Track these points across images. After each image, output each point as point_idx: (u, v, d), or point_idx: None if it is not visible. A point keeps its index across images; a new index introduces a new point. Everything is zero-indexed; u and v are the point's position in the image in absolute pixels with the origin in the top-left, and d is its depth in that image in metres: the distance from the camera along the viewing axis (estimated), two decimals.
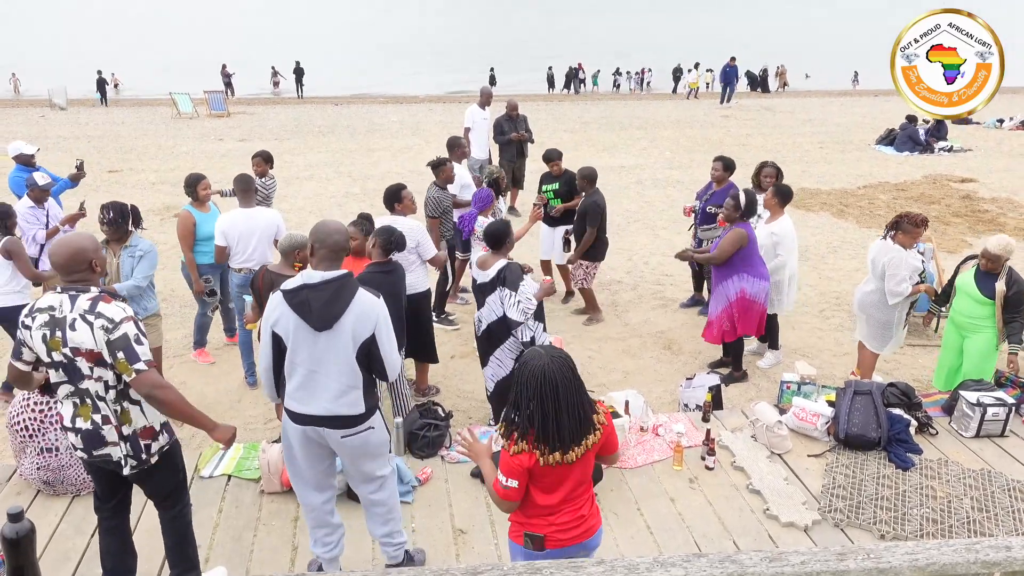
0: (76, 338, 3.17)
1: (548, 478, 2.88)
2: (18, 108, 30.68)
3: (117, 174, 15.78)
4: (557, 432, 2.80)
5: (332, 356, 3.44)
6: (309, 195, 13.79)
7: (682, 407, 5.92)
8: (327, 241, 3.48)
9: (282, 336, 3.47)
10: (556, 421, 2.79)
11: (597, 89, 40.93)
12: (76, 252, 3.25)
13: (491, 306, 5.09)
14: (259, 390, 6.41)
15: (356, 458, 3.65)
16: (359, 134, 22.17)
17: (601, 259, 7.65)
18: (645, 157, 17.90)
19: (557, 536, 2.95)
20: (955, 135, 20.02)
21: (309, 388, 3.48)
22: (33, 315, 3.24)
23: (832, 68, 46.42)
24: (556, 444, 2.81)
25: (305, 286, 3.43)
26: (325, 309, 3.40)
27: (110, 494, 3.58)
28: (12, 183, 8.00)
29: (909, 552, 2.07)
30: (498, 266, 5.07)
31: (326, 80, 40.74)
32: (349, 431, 3.54)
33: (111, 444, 3.33)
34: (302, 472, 3.69)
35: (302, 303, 3.41)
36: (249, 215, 6.16)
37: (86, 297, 3.22)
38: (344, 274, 3.48)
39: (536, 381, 2.77)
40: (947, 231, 11.17)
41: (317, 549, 3.83)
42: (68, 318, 3.18)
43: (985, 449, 5.07)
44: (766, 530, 4.29)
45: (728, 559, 2.02)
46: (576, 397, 2.82)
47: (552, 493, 2.92)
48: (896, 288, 5.62)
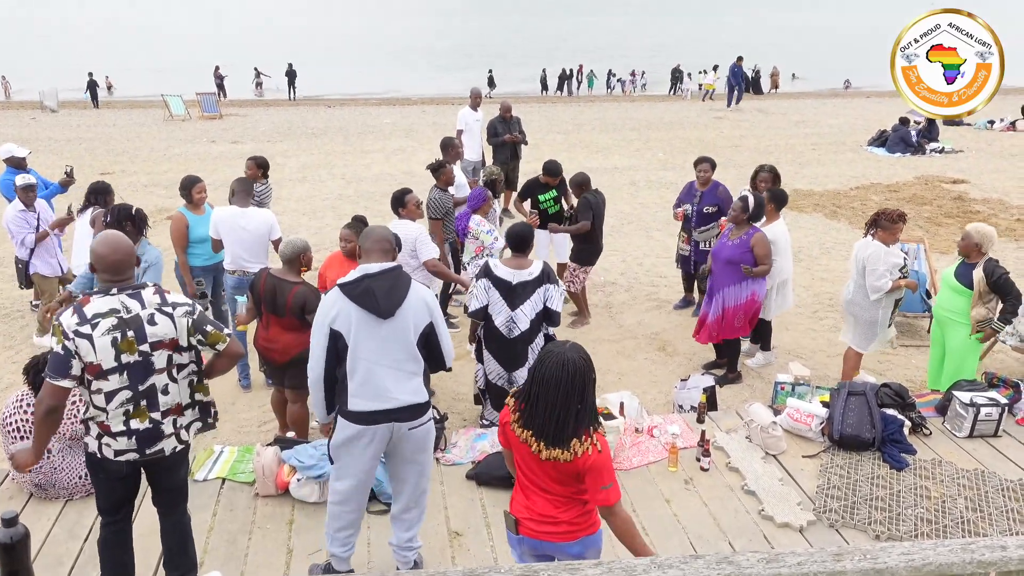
0: (158, 331, 3.28)
1: (526, 459, 2.93)
2: (9, 110, 30.52)
3: (109, 176, 15.70)
4: (530, 412, 2.83)
5: (396, 344, 3.50)
6: (302, 197, 13.77)
7: (677, 408, 5.93)
8: (376, 238, 3.61)
9: (342, 332, 3.47)
10: (533, 407, 2.82)
11: (591, 91, 41.01)
12: (129, 251, 3.34)
13: (534, 303, 5.08)
14: (252, 393, 6.40)
15: (417, 452, 3.69)
16: (352, 136, 22.15)
17: (591, 263, 7.63)
18: (638, 159, 17.94)
19: (528, 524, 2.96)
20: (946, 136, 20.13)
21: (375, 383, 3.49)
22: (93, 322, 3.15)
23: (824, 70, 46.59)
24: (526, 422, 2.85)
25: (366, 276, 3.48)
26: (389, 295, 3.46)
27: (119, 506, 3.55)
28: (3, 186, 7.98)
29: (905, 552, 2.07)
30: (539, 264, 5.14)
31: (319, 82, 40.67)
32: (416, 422, 3.60)
33: (167, 437, 3.41)
34: (355, 474, 3.64)
35: (365, 292, 3.44)
36: (242, 213, 6.13)
37: (151, 292, 3.34)
38: (397, 265, 3.58)
39: (541, 364, 2.80)
40: (939, 232, 11.22)
41: (335, 548, 3.81)
42: (143, 315, 3.25)
43: (979, 449, 5.09)
44: (761, 531, 4.30)
45: (725, 560, 2.02)
46: (562, 401, 2.76)
47: (526, 475, 2.97)
48: (876, 283, 5.65)
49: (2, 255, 10.20)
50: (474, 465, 4.83)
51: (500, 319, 5.13)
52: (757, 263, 6.16)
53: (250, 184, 6.34)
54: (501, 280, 5.10)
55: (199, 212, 6.54)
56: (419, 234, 5.90)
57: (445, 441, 5.11)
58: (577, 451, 2.78)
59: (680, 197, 7.90)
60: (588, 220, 7.31)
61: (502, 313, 5.12)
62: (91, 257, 3.30)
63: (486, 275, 5.16)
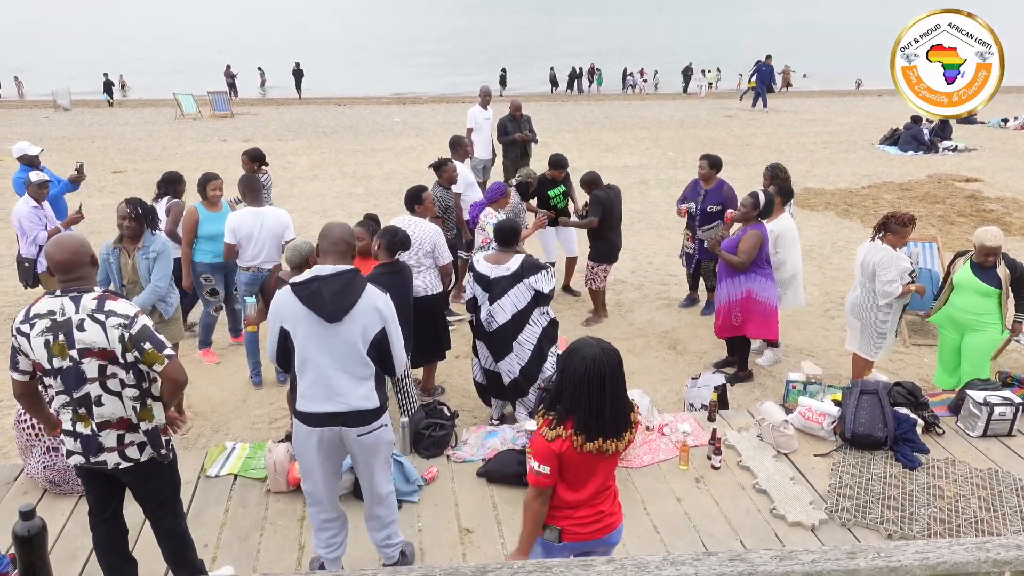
0: (86, 338, 3.12)
1: (578, 470, 2.89)
2: (22, 109, 30.75)
3: (121, 175, 15.81)
4: (597, 422, 2.81)
5: (344, 349, 3.44)
6: (313, 195, 13.81)
7: (688, 407, 5.92)
8: (333, 239, 3.55)
9: (290, 331, 3.46)
10: (599, 410, 2.81)
11: (600, 90, 40.94)
12: (78, 248, 3.22)
13: (514, 296, 5.15)
14: (264, 390, 6.43)
15: (369, 458, 3.65)
16: (362, 134, 22.19)
17: (608, 261, 7.61)
18: (648, 157, 17.89)
19: (574, 529, 2.96)
20: (960, 135, 19.98)
21: (322, 385, 3.47)
22: (32, 321, 3.15)
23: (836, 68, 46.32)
24: (595, 433, 2.82)
25: (316, 278, 3.45)
26: (337, 299, 3.41)
27: (104, 505, 3.53)
28: (16, 184, 8.03)
29: (920, 551, 2.06)
30: (518, 259, 5.19)
31: (330, 81, 40.77)
32: (365, 428, 3.54)
33: (108, 450, 3.28)
34: (313, 474, 3.66)
35: (313, 294, 3.41)
36: (257, 214, 6.17)
37: (91, 297, 3.17)
38: (353, 269, 3.52)
39: (584, 368, 2.79)
40: (952, 231, 11.15)
41: (320, 550, 3.84)
42: (74, 319, 3.12)
43: (992, 448, 5.06)
44: (773, 529, 4.29)
45: (738, 557, 2.01)
46: (620, 391, 2.85)
47: (578, 489, 2.93)
48: (886, 288, 5.60)
49: (2, 253, 10.28)
50: (484, 462, 4.84)
51: (482, 312, 5.30)
52: (745, 256, 6.09)
53: (257, 182, 6.36)
54: (480, 275, 5.26)
55: (214, 209, 6.58)
56: (437, 237, 5.85)
57: (456, 438, 5.12)
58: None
59: (684, 194, 7.89)
60: (596, 217, 7.30)
61: (484, 307, 5.28)
62: (45, 257, 3.29)
63: (470, 269, 5.36)
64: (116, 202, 13.31)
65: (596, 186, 7.42)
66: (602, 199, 7.32)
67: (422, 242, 5.74)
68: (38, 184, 7.03)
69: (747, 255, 6.07)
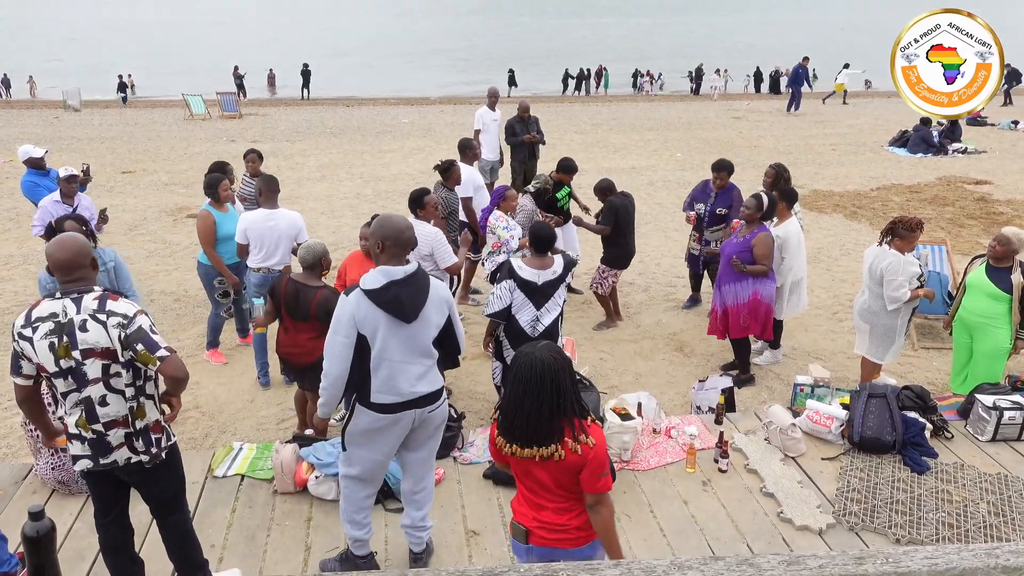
0: (89, 339, 3.13)
1: (528, 470, 2.92)
2: (33, 109, 30.93)
3: (130, 175, 15.88)
4: (508, 424, 2.85)
5: (418, 344, 3.62)
6: (321, 196, 13.84)
7: (695, 409, 5.91)
8: (399, 239, 3.60)
9: (368, 336, 3.52)
10: (512, 414, 2.82)
11: (607, 91, 40.94)
12: (80, 248, 3.22)
13: (557, 299, 5.16)
14: (272, 390, 6.44)
15: (434, 431, 3.87)
16: (370, 135, 22.23)
17: (619, 267, 7.59)
18: (656, 159, 17.87)
19: (540, 533, 2.96)
20: (969, 137, 19.89)
21: (397, 379, 3.59)
22: (34, 325, 3.15)
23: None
24: (506, 435, 2.87)
25: (392, 283, 3.52)
26: (415, 301, 3.56)
27: (110, 507, 3.54)
28: (25, 188, 8.03)
29: (928, 556, 2.05)
30: (559, 260, 5.17)
31: (338, 82, 40.86)
32: (433, 406, 3.75)
33: (117, 448, 3.30)
34: (374, 456, 3.75)
35: (393, 299, 3.51)
36: (270, 215, 6.16)
37: (91, 297, 3.18)
38: (416, 266, 3.64)
39: (512, 368, 2.84)
40: (962, 233, 11.10)
41: (356, 531, 3.88)
42: (76, 320, 3.13)
43: (1001, 453, 5.03)
44: (780, 533, 4.27)
45: (745, 562, 2.01)
46: (539, 401, 2.76)
47: (530, 488, 2.96)
48: (895, 294, 5.57)
49: (26, 252, 10.35)
50: (491, 464, 4.84)
51: (525, 318, 5.13)
52: (755, 262, 6.11)
53: (276, 183, 6.32)
54: (527, 282, 5.09)
55: (223, 210, 6.59)
56: (436, 239, 5.86)
57: (462, 440, 5.12)
58: (573, 445, 2.79)
59: (693, 195, 7.88)
60: (609, 224, 7.29)
61: (527, 313, 5.13)
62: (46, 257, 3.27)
63: (511, 277, 5.13)
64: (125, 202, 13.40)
65: (611, 193, 7.41)
66: (617, 206, 7.31)
67: (422, 245, 5.74)
68: (67, 179, 7.03)
69: (768, 260, 6.11)
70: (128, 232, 11.35)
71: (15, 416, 6.02)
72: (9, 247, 10.65)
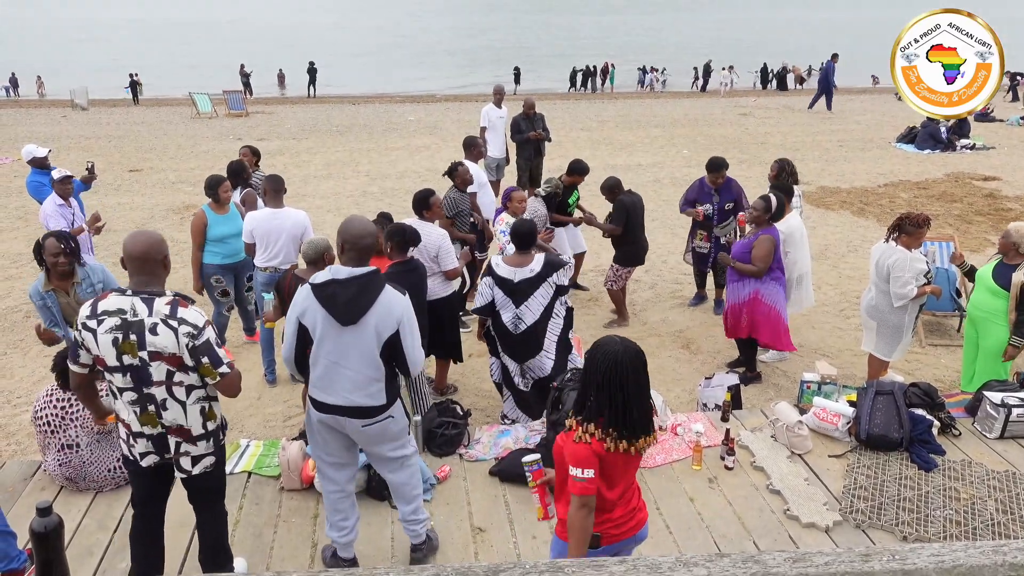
0: (158, 342, 3.16)
1: (613, 469, 2.87)
2: (40, 108, 31.07)
3: (138, 173, 15.94)
4: (626, 419, 2.79)
5: (355, 350, 3.52)
6: (327, 194, 13.86)
7: (701, 407, 5.90)
8: (358, 243, 3.55)
9: (308, 328, 3.56)
10: (626, 408, 2.78)
11: (612, 88, 40.89)
12: (152, 244, 3.26)
13: (541, 296, 5.14)
14: (279, 388, 6.46)
15: (374, 444, 3.76)
16: (376, 133, 22.25)
17: (631, 264, 7.57)
18: (663, 156, 17.83)
19: (611, 532, 2.96)
20: (978, 133, 19.78)
21: (331, 379, 3.57)
22: (100, 317, 3.17)
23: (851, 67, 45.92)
24: (625, 432, 2.79)
25: (333, 281, 3.50)
26: (351, 304, 3.47)
27: (150, 497, 3.58)
28: (30, 187, 8.06)
29: (935, 553, 2.04)
30: (540, 259, 5.17)
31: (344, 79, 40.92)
32: (369, 420, 3.64)
33: (174, 450, 3.37)
34: (323, 451, 3.81)
35: (329, 297, 3.48)
36: (275, 214, 6.17)
37: (163, 301, 3.21)
38: (372, 271, 3.55)
39: (610, 366, 2.77)
40: (970, 230, 11.05)
41: (332, 533, 3.90)
42: (147, 322, 3.16)
43: (1010, 450, 5.00)
44: (786, 531, 4.26)
45: (751, 559, 2.00)
46: (644, 389, 2.84)
47: (614, 487, 2.91)
48: (901, 291, 5.55)
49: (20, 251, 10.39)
50: (497, 461, 4.84)
51: (506, 316, 5.23)
52: (761, 262, 6.07)
53: (281, 183, 6.33)
54: (503, 279, 5.18)
55: (222, 211, 6.61)
56: (442, 242, 5.84)
57: (468, 437, 5.12)
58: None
59: (689, 195, 7.87)
60: (620, 225, 7.28)
61: (508, 310, 5.22)
62: (123, 250, 3.30)
63: (489, 273, 5.24)
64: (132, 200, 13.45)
65: (618, 191, 7.39)
66: (627, 204, 7.29)
67: (427, 246, 5.73)
68: (60, 180, 7.06)
69: (763, 262, 6.05)
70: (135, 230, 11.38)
71: (23, 413, 6.06)
72: (18, 245, 10.70)
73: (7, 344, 7.47)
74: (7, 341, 7.54)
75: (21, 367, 6.99)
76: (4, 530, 3.74)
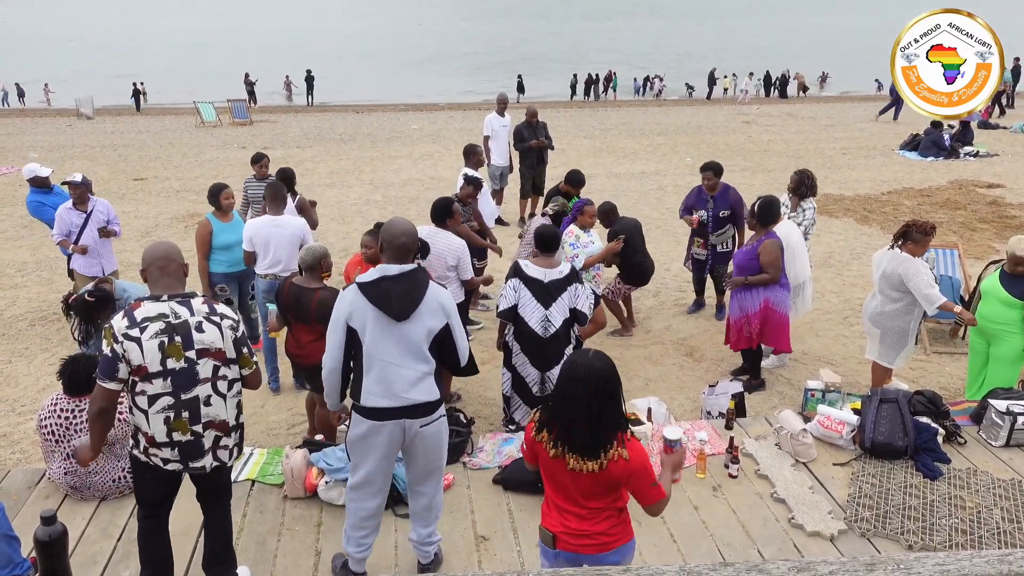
0: (205, 339, 3.31)
1: (556, 476, 2.93)
2: (46, 117, 31.21)
3: (142, 182, 15.99)
4: (565, 432, 2.83)
5: (407, 346, 3.56)
6: (331, 202, 13.89)
7: (705, 415, 5.89)
8: (393, 242, 3.61)
9: (358, 330, 3.54)
10: (569, 421, 2.81)
11: (615, 95, 40.97)
12: (175, 249, 3.45)
13: (564, 302, 5.12)
14: (282, 396, 6.46)
15: (430, 449, 3.74)
16: (380, 142, 22.31)
17: (633, 284, 7.57)
18: (666, 163, 17.85)
19: (566, 539, 2.97)
20: (981, 140, 19.76)
21: (388, 380, 3.56)
22: (142, 325, 3.21)
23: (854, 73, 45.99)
24: (562, 443, 2.84)
25: (385, 278, 3.53)
26: (405, 299, 3.52)
27: (161, 501, 3.61)
28: (30, 208, 7.95)
29: (939, 563, 2.03)
30: (567, 264, 5.19)
31: (347, 88, 41.04)
32: (428, 419, 3.66)
33: (206, 452, 3.42)
34: (368, 468, 3.71)
35: (382, 294, 3.51)
36: (275, 222, 6.20)
37: (199, 301, 3.38)
38: (418, 267, 3.63)
39: (568, 376, 2.82)
40: (974, 237, 11.03)
41: (350, 547, 3.87)
42: (191, 321, 3.29)
43: (1015, 459, 4.98)
44: (791, 539, 4.25)
45: (756, 568, 2.00)
46: (603, 407, 2.79)
47: (556, 492, 2.96)
48: (928, 291, 5.45)
49: (39, 259, 10.43)
50: (501, 470, 4.83)
51: (535, 319, 5.13)
52: (772, 269, 6.07)
53: (283, 189, 6.37)
54: (532, 279, 5.11)
55: (226, 219, 6.63)
56: (462, 252, 5.84)
57: (472, 445, 5.12)
58: (605, 461, 2.80)
59: (689, 202, 7.89)
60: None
61: (536, 312, 5.13)
62: (143, 261, 3.40)
63: (516, 274, 5.17)
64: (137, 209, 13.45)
65: (613, 216, 7.39)
66: (628, 227, 7.28)
67: (446, 256, 5.72)
68: (73, 185, 7.06)
69: (774, 267, 6.05)
70: (141, 239, 11.42)
71: (28, 421, 6.07)
72: (23, 254, 10.74)
73: (12, 352, 7.49)
74: (12, 349, 7.56)
75: (26, 375, 7.01)
76: (8, 534, 3.75)
